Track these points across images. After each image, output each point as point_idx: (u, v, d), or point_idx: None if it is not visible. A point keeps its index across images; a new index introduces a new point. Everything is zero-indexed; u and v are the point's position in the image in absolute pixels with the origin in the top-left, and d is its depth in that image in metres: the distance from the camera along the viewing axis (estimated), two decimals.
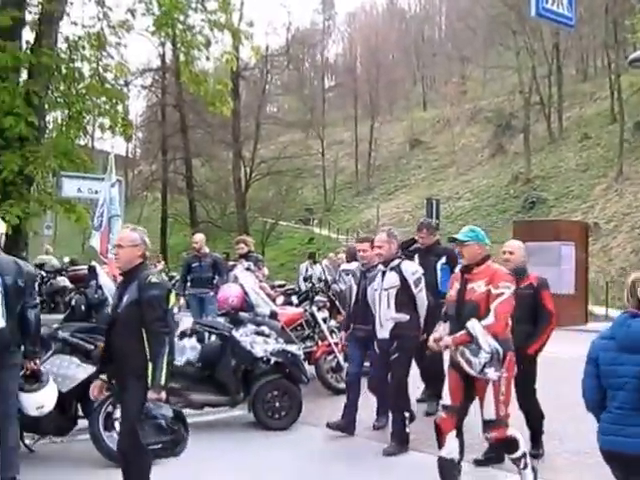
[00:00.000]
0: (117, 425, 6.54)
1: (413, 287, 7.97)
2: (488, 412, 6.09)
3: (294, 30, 72.86)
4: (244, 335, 9.02)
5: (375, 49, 72.45)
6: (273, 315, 9.67)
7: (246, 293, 9.56)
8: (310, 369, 10.30)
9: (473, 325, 5.96)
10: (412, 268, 8.19)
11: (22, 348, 6.67)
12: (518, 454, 6.16)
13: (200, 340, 9.49)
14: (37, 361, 6.85)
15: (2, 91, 12.88)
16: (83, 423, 7.44)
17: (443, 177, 59.68)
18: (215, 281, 13.40)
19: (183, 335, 9.42)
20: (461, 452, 6.24)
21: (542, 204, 46.50)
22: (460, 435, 6.23)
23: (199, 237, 14.21)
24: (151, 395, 5.36)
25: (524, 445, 6.23)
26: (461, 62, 75.04)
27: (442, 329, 6.41)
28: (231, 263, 14.03)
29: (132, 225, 6.39)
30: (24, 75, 13.88)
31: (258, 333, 9.11)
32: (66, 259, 22.15)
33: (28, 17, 14.12)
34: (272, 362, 8.99)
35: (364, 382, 8.78)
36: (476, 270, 6.30)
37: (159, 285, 5.66)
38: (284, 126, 62.99)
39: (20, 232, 12.34)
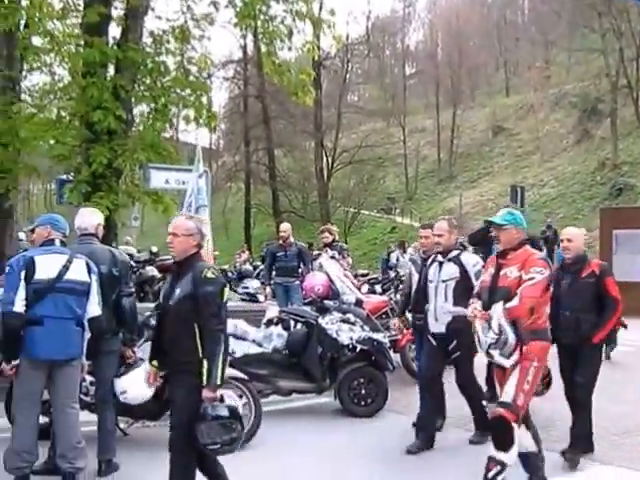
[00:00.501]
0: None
1: (474, 279, 7.48)
2: (506, 394, 5.90)
3: (374, 18, 72.78)
4: (330, 323, 9.10)
5: (457, 34, 71.63)
6: (359, 303, 9.72)
7: (332, 281, 9.63)
8: (395, 357, 10.31)
9: (496, 306, 5.88)
10: (473, 259, 7.84)
11: (120, 336, 6.89)
12: (502, 457, 5.88)
13: (286, 328, 9.61)
14: (135, 348, 7.07)
15: (91, 86, 13.22)
16: None
17: (527, 164, 58.69)
18: (300, 270, 13.52)
19: (269, 323, 9.55)
20: (537, 441, 6.13)
21: (630, 191, 45.33)
22: (529, 425, 6.11)
23: (286, 226, 14.30)
24: (206, 394, 5.21)
25: (513, 458, 5.90)
26: (545, 46, 73.59)
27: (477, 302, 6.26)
28: (316, 252, 14.13)
29: (188, 213, 6.36)
30: (111, 70, 14.20)
31: (344, 321, 9.18)
32: (154, 249, 22.60)
33: (114, 13, 14.44)
34: (358, 350, 9.05)
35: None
36: (511, 255, 6.13)
37: (215, 281, 5.46)
38: (365, 115, 62.93)
39: (109, 223, 12.62)
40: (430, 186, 65.01)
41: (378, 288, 14.46)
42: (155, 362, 5.75)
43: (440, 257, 7.87)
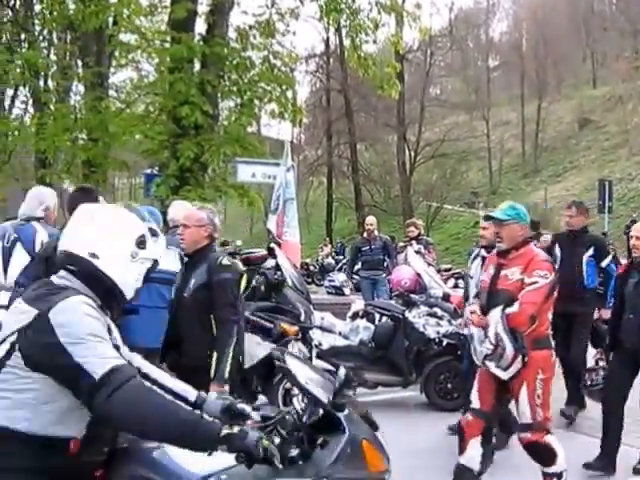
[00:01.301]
0: (295, 402, 6.75)
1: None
2: (524, 415, 5.47)
3: (457, 10, 71.98)
4: (417, 317, 9.12)
5: (542, 25, 70.37)
6: (445, 297, 9.71)
7: (419, 275, 9.64)
8: None
9: (494, 312, 5.36)
10: None
11: None
12: (554, 469, 5.46)
13: (371, 321, 9.67)
14: None
15: (178, 81, 13.49)
16: (262, 399, 7.73)
17: (614, 158, 57.37)
18: (386, 263, 13.56)
19: (355, 316, 9.63)
20: (483, 462, 5.61)
21: None
22: (486, 443, 5.65)
23: (372, 220, 14.34)
24: (213, 388, 4.78)
25: (563, 463, 5.47)
26: (634, 36, 71.75)
27: (476, 305, 5.74)
28: (401, 244, 14.14)
29: (199, 203, 6.09)
30: (197, 66, 14.46)
31: (431, 315, 9.19)
32: (239, 242, 22.91)
33: (200, 8, 14.71)
34: (444, 344, 9.05)
35: None
36: (513, 255, 5.53)
37: (231, 268, 5.28)
38: (448, 108, 62.37)
39: None
40: (514, 180, 64.12)
41: (462, 283, 14.40)
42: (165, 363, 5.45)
43: (484, 252, 7.13)
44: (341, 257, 32.08)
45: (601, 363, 7.14)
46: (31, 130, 18.14)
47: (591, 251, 8.24)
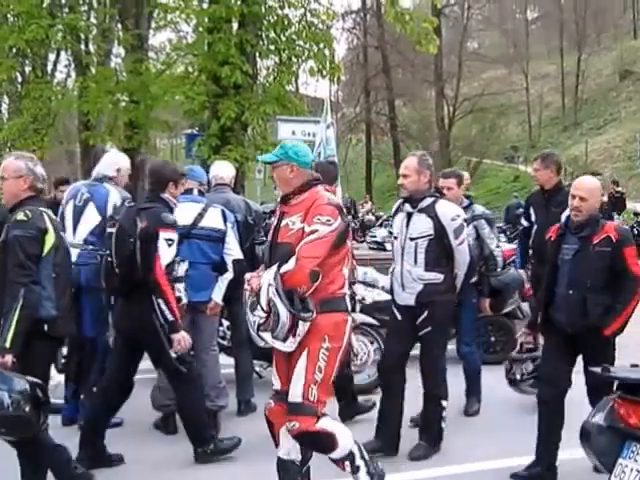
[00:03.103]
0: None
1: (452, 237, 5.85)
2: (294, 392, 4.45)
3: None
4: None
5: None
6: None
7: None
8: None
9: (268, 272, 4.48)
10: (452, 211, 5.94)
11: None
12: (339, 454, 4.52)
13: None
14: None
15: (217, 42, 13.50)
16: None
17: None
18: None
19: None
20: (305, 451, 4.71)
21: None
22: None
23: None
24: None
25: (349, 442, 4.54)
26: None
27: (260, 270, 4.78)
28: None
29: (17, 152, 5.33)
30: (235, 26, 14.43)
31: None
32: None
33: None
34: None
35: None
36: (295, 201, 4.63)
37: (25, 223, 4.62)
38: (487, 62, 61.50)
39: (238, 175, 12.92)
40: (554, 134, 63.35)
41: (502, 237, 14.34)
42: None
43: (408, 206, 6.01)
44: (381, 213, 32.08)
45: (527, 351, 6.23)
46: (74, 94, 18.27)
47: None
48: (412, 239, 5.88)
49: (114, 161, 6.82)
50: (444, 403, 5.98)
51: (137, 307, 5.45)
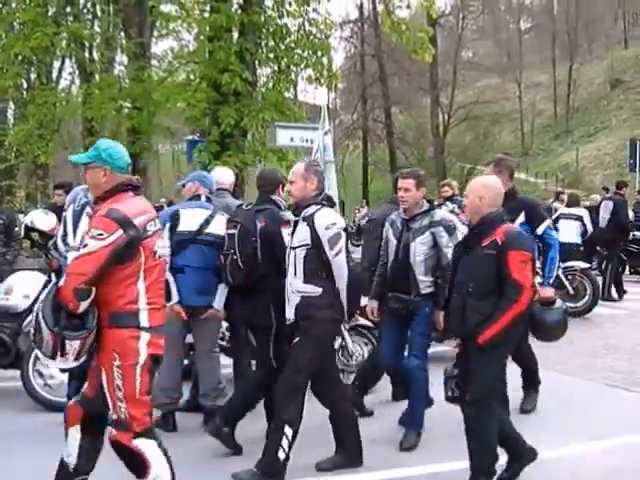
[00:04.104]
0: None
1: (327, 248, 5.37)
2: (110, 407, 4.23)
3: None
4: None
5: None
6: None
7: None
8: None
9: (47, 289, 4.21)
10: (327, 220, 5.44)
11: None
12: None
13: None
14: None
15: (218, 50, 13.56)
16: None
17: None
18: None
19: None
20: (85, 456, 4.40)
21: None
22: (88, 435, 4.39)
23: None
24: None
25: (164, 476, 4.24)
26: None
27: None
28: (436, 203, 14.02)
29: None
30: (235, 34, 14.49)
31: None
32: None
33: None
34: None
35: None
36: (99, 207, 4.28)
37: None
38: (481, 71, 61.57)
39: (238, 181, 12.94)
40: (546, 141, 63.46)
41: None
42: None
43: (293, 214, 5.70)
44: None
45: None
46: (78, 100, 18.29)
47: (522, 217, 6.60)
48: (293, 248, 5.50)
49: None
50: (288, 430, 5.22)
51: (259, 299, 5.83)
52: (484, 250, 4.93)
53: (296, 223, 5.52)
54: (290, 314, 5.46)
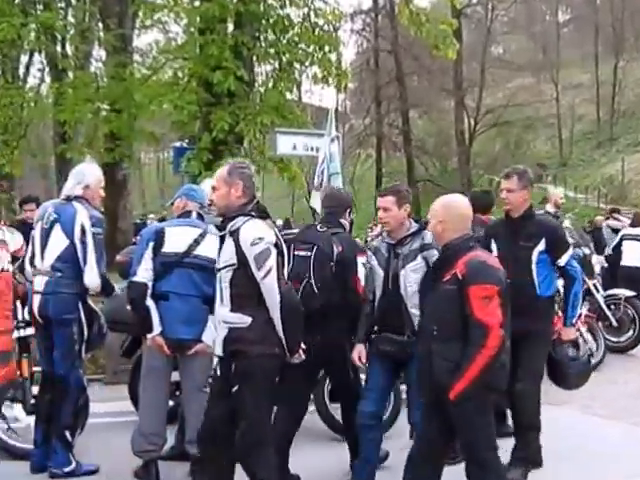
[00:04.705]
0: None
1: (253, 267, 5.00)
2: None
3: None
4: None
5: None
6: None
7: None
8: None
9: None
10: (253, 234, 5.02)
11: None
12: None
13: None
14: None
15: (210, 44, 13.58)
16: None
17: None
18: None
19: None
20: None
21: None
22: None
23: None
24: None
25: None
26: None
27: None
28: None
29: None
30: (230, 26, 14.50)
31: None
32: (279, 222, 22.76)
33: None
34: None
35: None
36: None
37: None
38: (512, 70, 61.77)
39: None
40: (587, 150, 63.48)
41: None
42: None
43: (217, 228, 5.42)
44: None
45: None
46: (49, 101, 18.40)
47: (542, 244, 6.41)
48: (218, 270, 5.21)
49: (78, 179, 6.72)
50: None
51: (334, 326, 6.15)
52: (445, 285, 4.81)
53: (222, 239, 5.17)
54: (218, 350, 5.17)
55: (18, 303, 6.76)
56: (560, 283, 7.04)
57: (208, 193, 6.99)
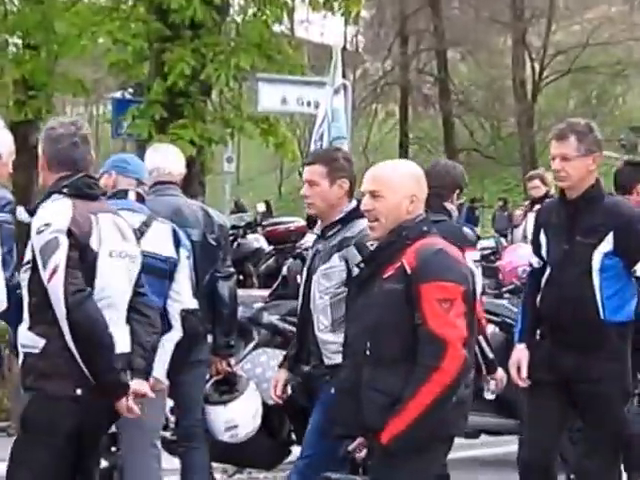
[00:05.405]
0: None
1: (40, 265, 4.91)
2: None
3: None
4: None
5: None
6: None
7: None
8: None
9: None
10: (40, 220, 5.03)
11: (209, 339, 7.07)
12: None
13: None
14: (232, 359, 7.24)
15: None
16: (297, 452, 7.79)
17: None
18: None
19: None
20: None
21: None
22: None
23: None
24: None
25: None
26: None
27: None
28: (518, 212, 14.07)
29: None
30: None
31: None
32: (261, 207, 22.72)
33: None
34: None
35: None
36: None
37: None
38: None
39: (194, 167, 12.83)
40: None
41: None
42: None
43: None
44: None
45: None
46: None
47: (609, 242, 5.90)
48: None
49: None
50: None
51: None
52: (386, 284, 4.56)
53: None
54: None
55: None
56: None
57: (158, 166, 6.94)
